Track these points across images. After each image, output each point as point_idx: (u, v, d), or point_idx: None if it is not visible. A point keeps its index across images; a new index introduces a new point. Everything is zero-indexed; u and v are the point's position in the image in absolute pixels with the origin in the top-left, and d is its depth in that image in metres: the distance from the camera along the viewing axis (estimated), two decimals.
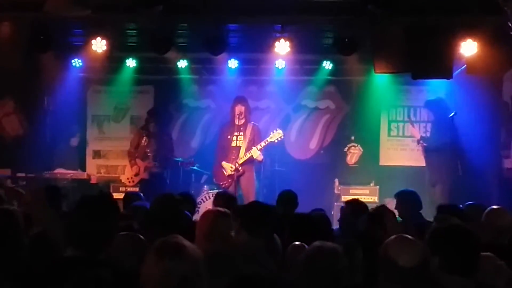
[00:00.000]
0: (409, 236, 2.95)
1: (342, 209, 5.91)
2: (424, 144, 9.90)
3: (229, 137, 9.36)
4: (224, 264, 3.29)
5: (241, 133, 9.32)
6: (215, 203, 5.76)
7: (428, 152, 9.84)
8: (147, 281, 2.51)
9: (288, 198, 6.20)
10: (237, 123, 9.30)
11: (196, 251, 2.56)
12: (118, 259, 3.18)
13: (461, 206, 5.52)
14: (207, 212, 4.00)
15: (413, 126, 10.57)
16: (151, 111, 10.03)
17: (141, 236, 3.51)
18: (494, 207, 4.74)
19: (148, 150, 9.66)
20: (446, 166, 9.44)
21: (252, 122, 9.48)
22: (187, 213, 4.97)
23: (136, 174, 9.68)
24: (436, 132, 9.88)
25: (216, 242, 3.65)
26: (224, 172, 9.34)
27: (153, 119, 9.78)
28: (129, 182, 9.75)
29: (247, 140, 9.26)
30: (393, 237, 2.92)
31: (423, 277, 2.77)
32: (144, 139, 9.69)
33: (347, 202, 5.96)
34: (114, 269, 2.81)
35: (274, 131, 9.34)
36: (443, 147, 9.45)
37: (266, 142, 9.21)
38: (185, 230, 3.56)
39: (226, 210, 4.00)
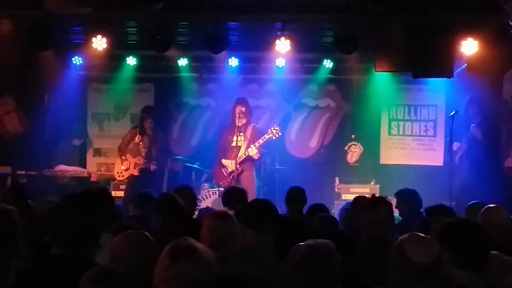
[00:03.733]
0: (422, 234, 2.97)
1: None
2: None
3: (229, 137, 9.35)
4: (230, 266, 3.26)
5: (241, 133, 9.30)
6: (223, 200, 5.72)
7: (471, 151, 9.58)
8: (160, 284, 2.52)
9: (297, 194, 6.22)
10: (237, 124, 9.27)
11: (208, 253, 2.57)
12: (124, 258, 3.08)
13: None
14: (205, 220, 3.93)
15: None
16: (146, 108, 9.92)
17: (147, 234, 3.39)
18: (490, 205, 4.73)
19: (141, 147, 9.57)
20: (488, 163, 9.26)
21: (253, 124, 9.45)
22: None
23: (127, 169, 9.64)
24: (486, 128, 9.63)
25: (219, 247, 3.60)
26: (225, 169, 9.31)
27: (149, 115, 9.64)
28: (119, 176, 9.72)
29: (247, 141, 9.24)
30: (407, 235, 2.95)
31: (437, 274, 2.80)
32: (138, 136, 9.60)
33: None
34: (97, 268, 2.79)
35: (272, 128, 9.30)
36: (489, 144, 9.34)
37: (264, 139, 9.16)
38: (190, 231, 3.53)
39: (225, 211, 3.96)
